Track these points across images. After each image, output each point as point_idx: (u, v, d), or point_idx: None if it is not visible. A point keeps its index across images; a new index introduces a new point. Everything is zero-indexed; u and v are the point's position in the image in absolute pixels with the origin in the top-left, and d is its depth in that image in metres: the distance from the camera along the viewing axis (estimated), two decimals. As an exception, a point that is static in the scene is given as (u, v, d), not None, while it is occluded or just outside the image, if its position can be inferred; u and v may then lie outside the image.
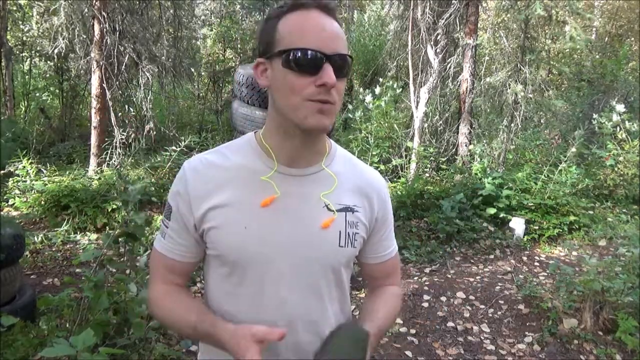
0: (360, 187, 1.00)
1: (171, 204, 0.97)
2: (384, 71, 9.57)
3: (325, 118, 0.85)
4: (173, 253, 0.98)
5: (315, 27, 0.85)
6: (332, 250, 0.95)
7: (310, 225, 0.93)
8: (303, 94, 0.84)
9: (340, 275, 1.00)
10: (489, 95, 8.02)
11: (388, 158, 6.81)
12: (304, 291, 0.95)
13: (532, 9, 6.36)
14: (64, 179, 5.45)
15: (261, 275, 0.92)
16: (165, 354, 2.64)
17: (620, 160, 6.28)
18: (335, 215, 0.95)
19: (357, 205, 0.99)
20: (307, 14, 0.86)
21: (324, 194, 0.95)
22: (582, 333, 3.21)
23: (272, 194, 0.92)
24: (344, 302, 1.05)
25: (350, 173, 1.01)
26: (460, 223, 5.10)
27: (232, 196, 0.92)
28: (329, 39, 0.85)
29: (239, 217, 0.91)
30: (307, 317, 0.96)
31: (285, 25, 0.86)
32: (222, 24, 9.80)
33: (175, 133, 7.26)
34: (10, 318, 2.12)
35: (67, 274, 3.87)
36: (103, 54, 6.12)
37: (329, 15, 0.87)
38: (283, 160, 0.94)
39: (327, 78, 0.82)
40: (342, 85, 0.88)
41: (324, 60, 0.83)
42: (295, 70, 0.84)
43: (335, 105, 0.86)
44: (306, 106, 0.84)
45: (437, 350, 3.18)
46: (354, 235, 0.97)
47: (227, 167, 0.95)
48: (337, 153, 1.02)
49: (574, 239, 5.29)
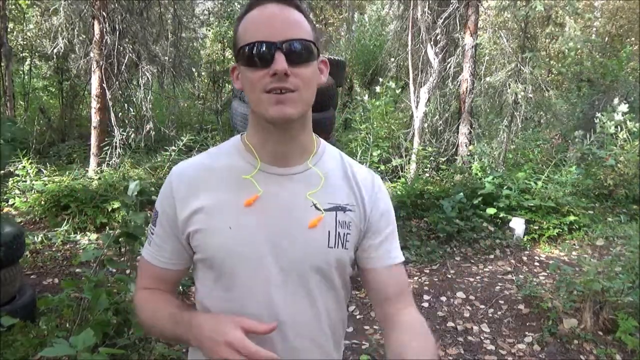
0: (351, 186, 0.97)
1: (157, 209, 0.96)
2: (384, 71, 9.58)
3: (285, 107, 0.83)
4: (158, 260, 0.96)
5: (266, 18, 0.84)
6: (320, 251, 0.91)
7: (297, 225, 0.91)
8: (260, 87, 0.84)
9: (331, 277, 0.94)
10: (489, 95, 8.03)
11: (388, 158, 6.81)
12: (293, 293, 0.91)
13: (531, 6, 6.36)
14: (64, 179, 5.45)
15: (250, 277, 0.90)
16: (165, 354, 2.64)
17: (621, 160, 6.28)
18: (323, 215, 0.92)
19: (349, 204, 0.95)
20: (262, 9, 0.85)
21: (311, 193, 0.92)
22: (582, 333, 3.21)
23: (255, 193, 0.90)
24: (339, 306, 1.00)
25: (342, 172, 0.97)
26: (460, 223, 5.10)
27: (216, 197, 0.91)
28: (281, 28, 0.83)
29: (223, 218, 0.90)
30: (299, 320, 0.93)
31: (242, 25, 0.87)
32: (221, 23, 9.80)
33: (175, 133, 7.26)
34: (10, 318, 2.12)
35: (67, 274, 3.87)
36: (103, 54, 6.12)
37: (288, 5, 0.86)
38: (266, 158, 0.92)
39: (277, 65, 0.81)
40: (305, 71, 0.85)
41: (273, 50, 0.82)
42: (250, 65, 0.84)
43: (299, 93, 0.84)
44: (265, 98, 0.84)
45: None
46: (345, 236, 0.93)
47: (213, 168, 0.93)
48: (327, 151, 0.99)
49: (574, 239, 5.29)
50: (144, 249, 0.99)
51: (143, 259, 1.00)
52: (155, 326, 0.96)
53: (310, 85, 0.87)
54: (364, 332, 3.33)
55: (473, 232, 5.15)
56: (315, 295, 0.93)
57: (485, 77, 7.91)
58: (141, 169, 6.13)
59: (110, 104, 6.24)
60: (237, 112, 4.01)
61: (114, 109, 6.40)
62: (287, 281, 0.91)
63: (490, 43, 8.50)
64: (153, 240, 0.97)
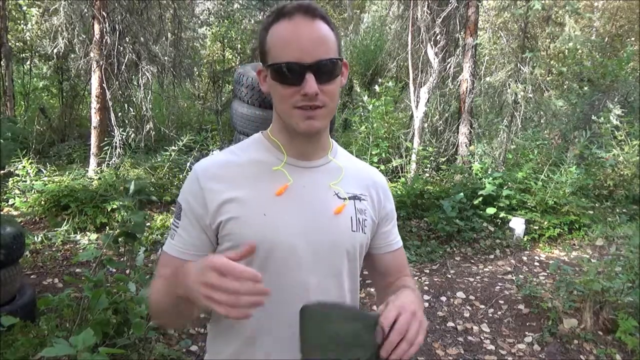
0: (363, 179, 1.07)
1: (181, 203, 0.98)
2: (384, 71, 9.58)
3: (315, 121, 0.91)
4: (183, 253, 0.96)
5: (296, 37, 0.88)
6: (346, 234, 0.99)
7: (324, 211, 0.97)
8: (290, 103, 0.90)
9: (355, 262, 1.02)
10: (489, 95, 8.03)
11: (388, 158, 6.81)
12: (324, 276, 0.97)
13: (531, 6, 6.37)
14: (63, 179, 5.45)
15: (283, 261, 0.94)
16: (165, 354, 2.64)
17: (620, 160, 6.28)
18: (346, 202, 1.00)
19: (362, 194, 1.04)
20: (289, 23, 0.89)
21: (333, 183, 1.01)
22: (582, 333, 3.21)
23: (285, 183, 0.96)
24: (356, 288, 1.07)
25: (353, 168, 1.07)
26: (460, 223, 5.10)
27: (247, 188, 0.95)
28: (311, 47, 0.88)
29: (256, 207, 0.94)
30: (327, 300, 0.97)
31: (271, 38, 0.91)
32: (221, 23, 9.80)
33: (175, 133, 7.26)
34: (10, 318, 2.12)
35: (67, 274, 3.87)
36: (103, 54, 6.12)
37: (314, 18, 0.89)
38: (292, 153, 0.99)
39: (308, 88, 0.87)
40: (332, 87, 0.91)
41: (305, 71, 0.87)
42: (281, 82, 0.90)
43: (326, 107, 0.92)
44: (295, 113, 0.91)
45: (437, 350, 3.18)
46: (363, 221, 1.02)
47: (238, 163, 0.98)
48: (339, 149, 1.09)
49: (574, 239, 5.29)
50: (166, 244, 0.99)
51: (166, 254, 0.99)
52: (159, 302, 0.95)
53: (336, 97, 0.94)
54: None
55: (473, 232, 5.16)
56: (342, 277, 1.00)
57: (485, 77, 7.92)
58: (141, 169, 6.13)
59: (110, 104, 6.23)
60: (237, 112, 4.01)
61: (114, 109, 6.40)
62: (318, 265, 0.96)
63: (490, 43, 8.51)
64: (177, 233, 0.97)
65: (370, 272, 1.16)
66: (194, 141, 6.80)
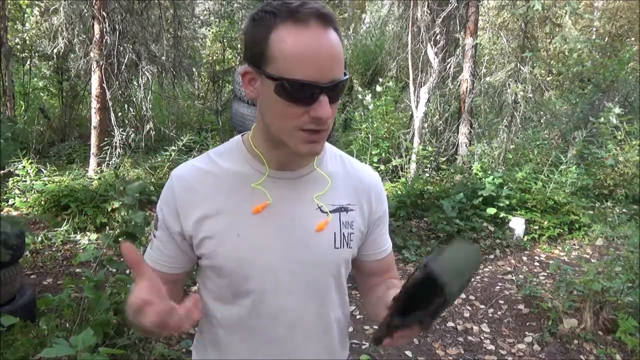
0: (354, 185, 0.98)
1: (158, 213, 0.94)
2: (384, 71, 9.58)
3: (318, 145, 0.83)
4: (160, 265, 0.95)
5: (314, 53, 0.76)
6: (328, 252, 0.93)
7: (305, 229, 0.91)
8: (295, 123, 0.80)
9: (339, 278, 0.98)
10: (489, 95, 8.03)
11: (388, 158, 6.82)
12: (303, 296, 0.93)
13: (530, 6, 6.37)
14: (63, 179, 5.45)
15: (259, 284, 0.90)
16: (165, 354, 2.64)
17: (620, 160, 6.28)
18: (329, 217, 0.93)
19: (351, 204, 0.97)
20: (306, 32, 0.76)
21: (317, 195, 0.93)
22: (582, 333, 3.21)
23: (265, 201, 0.89)
24: (344, 306, 1.03)
25: (343, 172, 0.99)
26: (460, 223, 5.10)
27: (222, 204, 0.89)
28: (328, 66, 0.77)
29: (231, 225, 0.89)
30: (308, 321, 0.95)
31: (279, 42, 0.76)
32: (221, 23, 9.80)
33: (175, 133, 7.26)
34: (10, 318, 2.12)
35: (67, 274, 3.87)
36: (103, 54, 6.12)
37: (328, 27, 0.78)
38: (274, 164, 0.91)
39: (322, 113, 0.78)
40: (335, 106, 0.83)
41: (320, 92, 0.77)
42: (289, 100, 0.78)
43: (328, 129, 0.83)
44: (298, 135, 0.81)
45: (437, 350, 3.18)
46: (349, 236, 0.95)
47: (215, 173, 0.91)
48: (328, 152, 0.99)
49: (574, 238, 5.29)
50: (146, 253, 0.97)
51: None
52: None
53: (335, 115, 0.85)
54: (364, 332, 3.33)
55: (473, 232, 5.15)
56: (323, 295, 0.96)
57: (485, 77, 7.92)
58: (141, 168, 6.13)
59: (110, 104, 6.24)
60: (237, 112, 4.01)
61: (114, 109, 6.40)
62: (297, 285, 0.92)
63: (490, 43, 8.51)
64: (155, 244, 0.95)
65: (355, 272, 1.10)
66: (194, 141, 6.80)
